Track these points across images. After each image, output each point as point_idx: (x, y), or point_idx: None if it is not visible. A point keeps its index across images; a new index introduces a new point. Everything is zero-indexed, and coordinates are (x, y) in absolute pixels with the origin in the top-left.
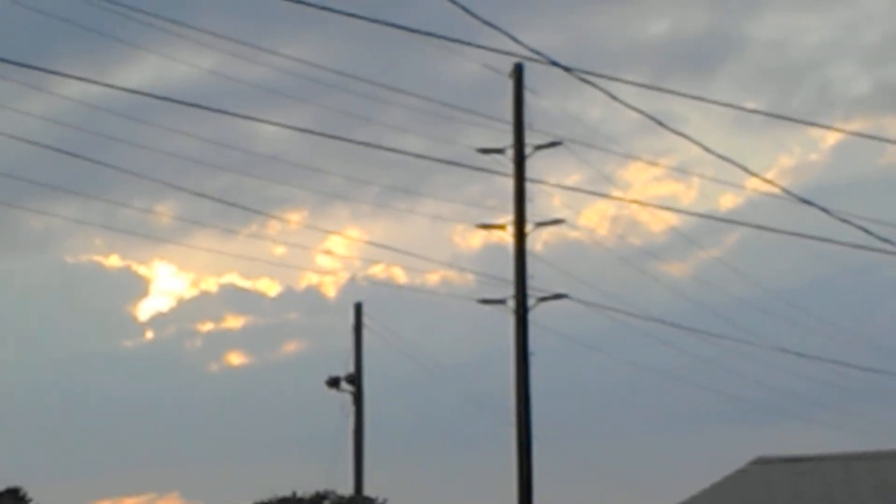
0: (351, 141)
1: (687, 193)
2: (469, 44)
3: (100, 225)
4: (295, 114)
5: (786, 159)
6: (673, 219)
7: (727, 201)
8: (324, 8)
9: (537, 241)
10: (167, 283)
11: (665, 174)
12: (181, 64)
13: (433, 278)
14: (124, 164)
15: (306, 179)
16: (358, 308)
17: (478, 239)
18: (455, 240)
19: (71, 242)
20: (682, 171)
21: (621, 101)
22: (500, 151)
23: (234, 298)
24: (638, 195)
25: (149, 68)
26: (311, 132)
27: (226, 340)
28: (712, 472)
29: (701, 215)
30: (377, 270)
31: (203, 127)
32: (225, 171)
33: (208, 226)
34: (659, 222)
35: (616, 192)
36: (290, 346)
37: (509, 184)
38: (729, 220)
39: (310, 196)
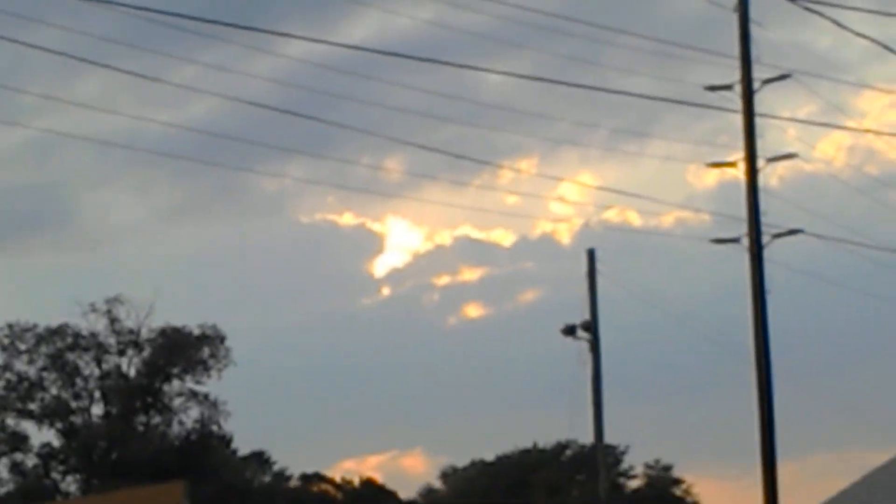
0: (577, 85)
1: None
2: None
3: (331, 183)
4: (518, 61)
5: None
6: None
7: None
8: None
9: (771, 176)
10: (401, 239)
11: None
12: (402, 17)
13: (668, 220)
14: (351, 122)
15: (534, 127)
16: (591, 254)
17: (711, 178)
18: (688, 179)
19: (303, 202)
20: None
21: (850, 29)
22: (728, 88)
23: (469, 250)
24: (873, 124)
25: (371, 23)
26: (537, 78)
27: (462, 293)
28: None
29: None
30: (611, 215)
31: (428, 79)
32: (452, 123)
33: (438, 179)
34: (894, 150)
35: (850, 123)
36: (527, 296)
37: (739, 120)
38: None
39: (538, 143)
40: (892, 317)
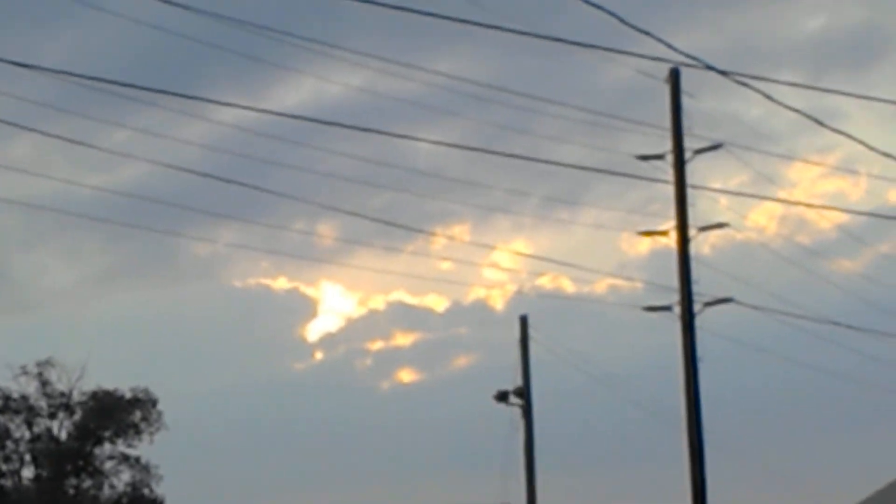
0: (509, 155)
1: (854, 190)
2: (623, 52)
3: (263, 249)
4: (450, 129)
5: None
6: (841, 217)
7: None
8: (474, 23)
9: (704, 244)
10: (335, 303)
11: (831, 171)
12: (335, 84)
13: (600, 287)
14: (283, 188)
15: (465, 194)
16: (523, 321)
17: (644, 245)
18: (621, 247)
19: (236, 267)
20: (845, 170)
21: (779, 102)
22: (660, 157)
23: (403, 315)
24: (804, 194)
25: (303, 90)
26: (468, 147)
27: (395, 358)
28: (887, 474)
29: (869, 214)
30: (544, 281)
31: (360, 146)
32: (384, 190)
33: (371, 245)
34: (826, 221)
35: (781, 193)
36: (461, 361)
37: (671, 189)
38: None
39: (470, 210)
40: (821, 386)
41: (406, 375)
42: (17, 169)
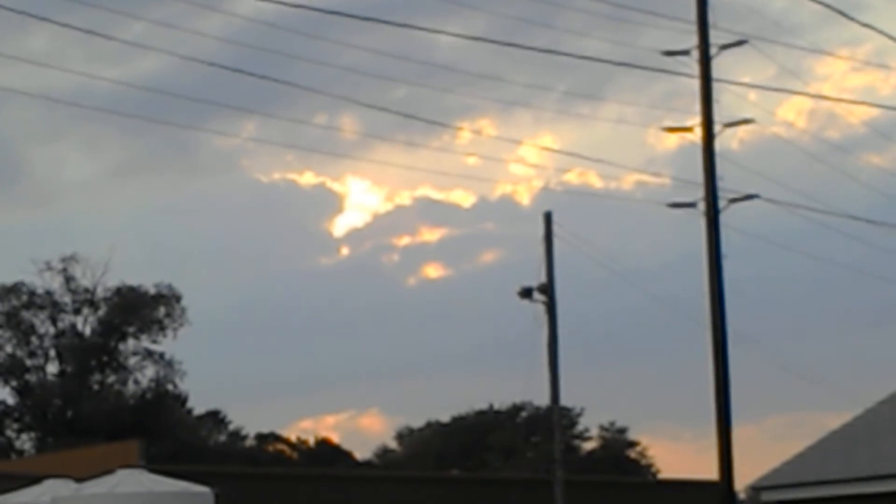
0: (530, 48)
1: (886, 82)
2: None
3: (283, 143)
4: (471, 22)
5: None
6: (870, 112)
7: None
8: None
9: (731, 140)
10: (361, 199)
11: (861, 65)
12: None
13: (627, 183)
14: (302, 82)
15: (486, 88)
16: (547, 217)
17: (671, 141)
18: (648, 142)
19: (260, 161)
20: (875, 64)
21: None
22: (685, 53)
23: (429, 211)
24: (833, 89)
25: None
26: (489, 41)
27: (422, 253)
28: None
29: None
30: (571, 177)
31: (379, 40)
32: (404, 84)
33: (393, 140)
34: (855, 116)
35: (810, 87)
36: (487, 257)
37: (694, 83)
38: None
39: (491, 105)
40: (846, 283)
41: (432, 271)
42: (35, 62)
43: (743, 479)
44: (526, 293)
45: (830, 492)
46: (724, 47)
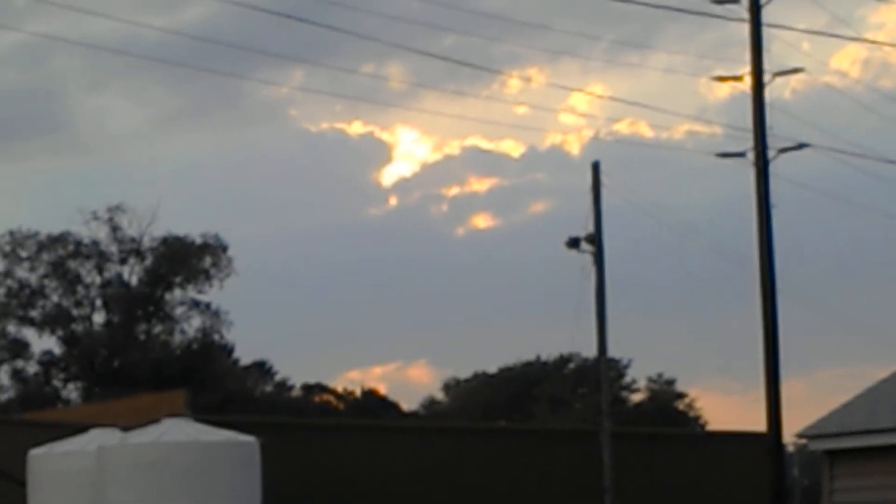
0: None
1: None
2: None
3: (331, 92)
4: None
5: None
6: None
7: None
8: None
9: (784, 89)
10: (410, 149)
11: None
12: None
13: (678, 132)
14: (350, 29)
15: (534, 37)
16: (595, 167)
17: (723, 90)
18: (700, 91)
19: (308, 110)
20: None
21: None
22: (735, 1)
23: (478, 161)
24: (888, 37)
25: None
26: None
27: (471, 203)
28: None
29: None
30: (621, 127)
31: None
32: (452, 33)
33: (442, 89)
34: None
35: (863, 35)
36: (536, 207)
37: (744, 31)
38: None
39: (539, 54)
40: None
41: (481, 221)
42: (80, 10)
43: (792, 432)
44: (573, 243)
45: (878, 441)
46: None
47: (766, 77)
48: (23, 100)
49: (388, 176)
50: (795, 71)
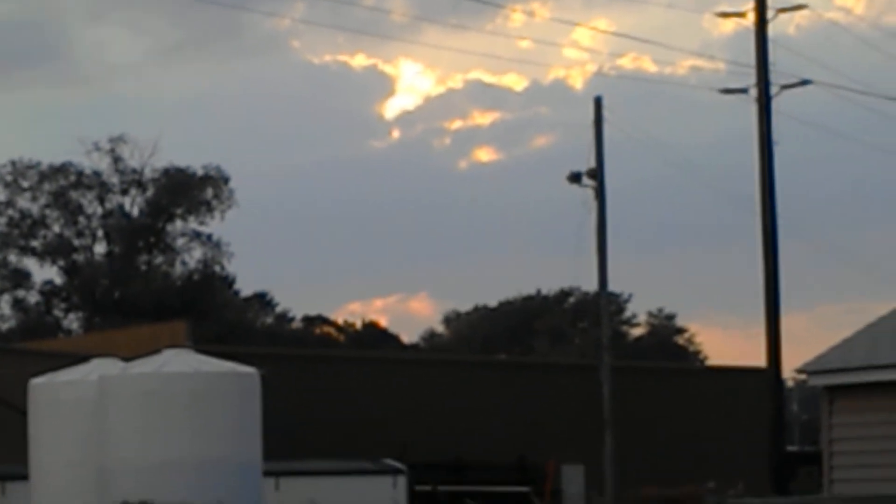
0: None
1: None
2: None
3: (332, 25)
4: None
5: None
6: None
7: None
8: None
9: (788, 25)
10: (413, 82)
11: None
12: None
13: (682, 68)
14: None
15: None
16: (598, 102)
17: (727, 26)
18: (704, 27)
19: (310, 42)
20: None
21: None
22: None
23: (481, 94)
24: None
25: None
26: None
27: (474, 137)
28: None
29: None
30: (625, 62)
31: None
32: None
33: (444, 22)
34: None
35: None
36: (539, 141)
37: None
38: None
39: None
40: None
41: (484, 155)
42: None
43: (791, 367)
44: (575, 178)
45: (878, 377)
46: None
47: (770, 13)
48: (20, 29)
49: (391, 109)
50: (799, 7)
